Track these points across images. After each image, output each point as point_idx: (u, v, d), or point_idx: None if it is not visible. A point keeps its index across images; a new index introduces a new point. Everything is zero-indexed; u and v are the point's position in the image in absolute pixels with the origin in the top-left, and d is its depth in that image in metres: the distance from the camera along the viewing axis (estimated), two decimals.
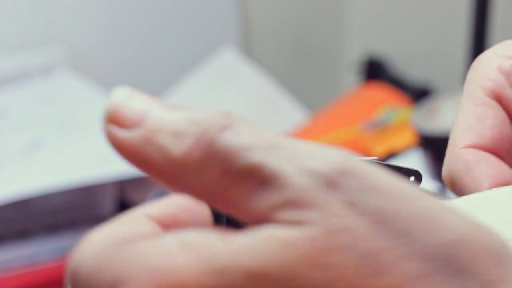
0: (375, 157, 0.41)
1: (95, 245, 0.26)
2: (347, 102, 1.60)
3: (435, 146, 1.28)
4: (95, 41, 1.68)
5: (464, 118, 0.36)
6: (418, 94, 1.56)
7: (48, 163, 1.32)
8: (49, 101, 1.51)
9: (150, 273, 0.24)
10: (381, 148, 1.39)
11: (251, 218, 0.25)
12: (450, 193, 1.15)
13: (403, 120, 1.42)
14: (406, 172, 0.41)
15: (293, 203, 0.24)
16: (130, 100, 0.26)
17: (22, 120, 1.45)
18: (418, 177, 0.41)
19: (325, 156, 0.25)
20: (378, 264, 0.24)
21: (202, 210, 0.29)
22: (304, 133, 1.51)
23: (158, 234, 0.26)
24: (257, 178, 0.25)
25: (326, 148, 0.25)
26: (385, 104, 1.49)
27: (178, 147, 0.26)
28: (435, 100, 1.36)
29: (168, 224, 0.28)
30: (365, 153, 1.38)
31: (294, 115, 1.64)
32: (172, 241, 0.25)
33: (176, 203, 0.29)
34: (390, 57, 1.72)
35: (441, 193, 1.23)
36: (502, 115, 0.36)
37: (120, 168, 1.31)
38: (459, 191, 0.36)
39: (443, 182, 0.40)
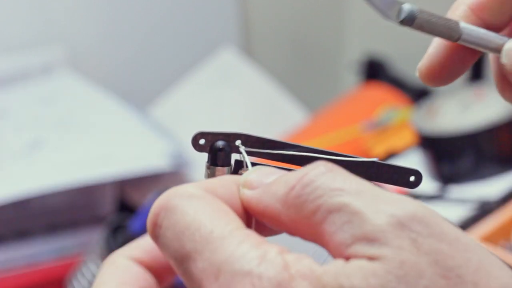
0: (375, 158, 0.41)
1: None
2: (347, 102, 1.60)
3: (435, 146, 1.28)
4: (95, 41, 1.68)
5: None
6: (418, 94, 1.56)
7: (48, 163, 1.32)
8: (49, 101, 1.51)
9: None
10: (381, 148, 1.39)
11: (337, 248, 0.31)
12: (449, 194, 1.14)
13: (403, 120, 1.42)
14: (407, 172, 0.41)
15: (371, 239, 0.30)
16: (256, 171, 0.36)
17: (22, 120, 1.45)
18: (418, 176, 0.41)
19: (401, 203, 0.31)
20: None
21: None
22: (304, 133, 1.51)
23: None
24: (344, 214, 0.31)
25: (404, 198, 0.31)
26: (385, 104, 1.49)
27: (283, 187, 0.33)
28: (435, 100, 1.36)
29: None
30: (365, 153, 1.38)
31: (294, 115, 1.64)
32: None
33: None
34: (390, 57, 1.72)
35: (442, 193, 1.23)
36: None
37: (120, 168, 1.31)
38: None
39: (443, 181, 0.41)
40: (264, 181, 0.35)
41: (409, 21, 0.40)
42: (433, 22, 0.40)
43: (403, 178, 0.41)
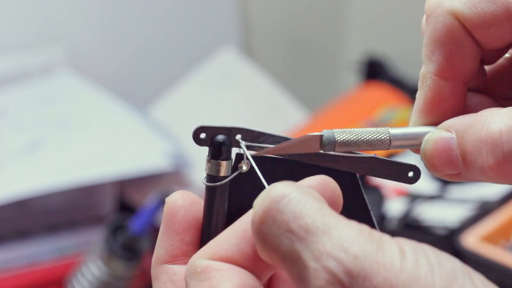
0: (374, 154, 0.41)
1: None
2: (347, 102, 1.60)
3: None
4: (95, 41, 1.68)
5: None
6: None
7: (48, 163, 1.32)
8: (49, 101, 1.51)
9: None
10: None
11: None
12: (449, 194, 1.14)
13: (403, 120, 1.42)
14: (405, 167, 0.41)
15: None
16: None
17: (22, 120, 1.45)
18: (417, 172, 0.41)
19: (342, 254, 0.31)
20: None
21: None
22: (304, 133, 1.51)
23: None
24: (295, 265, 0.32)
25: (350, 240, 0.31)
26: (385, 104, 1.49)
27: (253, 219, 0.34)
28: None
29: None
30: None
31: (294, 115, 1.64)
32: None
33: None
34: (390, 57, 1.72)
35: (442, 193, 1.23)
36: None
37: (120, 168, 1.31)
38: None
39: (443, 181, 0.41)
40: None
41: (330, 147, 0.40)
42: (357, 141, 0.40)
43: (402, 173, 0.41)
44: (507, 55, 0.44)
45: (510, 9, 0.39)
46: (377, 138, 0.40)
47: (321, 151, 0.40)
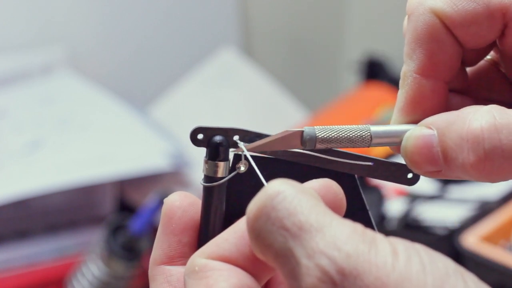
0: (370, 163, 0.41)
1: None
2: (347, 102, 1.60)
3: None
4: (95, 41, 1.68)
5: None
6: None
7: (48, 163, 1.32)
8: (49, 101, 1.51)
9: None
10: (381, 148, 1.39)
11: None
12: (449, 194, 1.14)
13: None
14: (405, 169, 0.41)
15: None
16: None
17: (22, 120, 1.45)
18: (416, 173, 0.41)
19: (335, 253, 0.31)
20: None
21: None
22: None
23: None
24: (289, 262, 0.32)
25: (344, 239, 0.31)
26: (385, 104, 1.49)
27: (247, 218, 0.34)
28: None
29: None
30: (365, 152, 1.38)
31: (294, 115, 1.64)
32: None
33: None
34: (390, 57, 1.72)
35: (442, 193, 1.23)
36: None
37: (120, 168, 1.31)
38: None
39: (443, 181, 0.41)
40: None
41: (311, 143, 0.40)
42: (337, 138, 0.40)
43: (401, 175, 0.41)
44: (488, 56, 0.44)
45: (490, 8, 0.39)
46: (358, 135, 0.40)
47: (302, 148, 0.40)
